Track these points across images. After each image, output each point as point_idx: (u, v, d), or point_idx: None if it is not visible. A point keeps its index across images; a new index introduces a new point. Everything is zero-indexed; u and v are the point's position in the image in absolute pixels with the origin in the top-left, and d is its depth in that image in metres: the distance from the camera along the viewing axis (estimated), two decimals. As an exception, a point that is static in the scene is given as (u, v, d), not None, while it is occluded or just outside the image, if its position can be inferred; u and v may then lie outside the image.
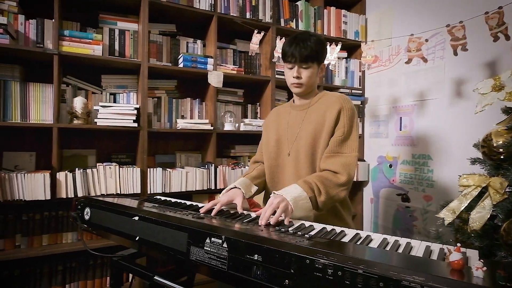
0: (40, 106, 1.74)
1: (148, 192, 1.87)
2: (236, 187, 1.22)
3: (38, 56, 1.68)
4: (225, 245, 0.74)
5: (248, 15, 2.18)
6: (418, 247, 0.75)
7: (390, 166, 2.45)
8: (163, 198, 1.43)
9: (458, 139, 1.98)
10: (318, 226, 0.93)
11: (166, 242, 0.87)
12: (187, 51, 2.15)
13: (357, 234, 0.84)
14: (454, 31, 1.59)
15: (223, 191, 1.24)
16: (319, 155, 1.20)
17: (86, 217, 1.17)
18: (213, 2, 2.05)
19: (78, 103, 1.72)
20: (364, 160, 2.67)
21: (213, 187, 2.04)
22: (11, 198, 1.54)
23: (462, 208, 1.06)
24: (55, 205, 1.76)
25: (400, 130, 2.38)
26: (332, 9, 2.52)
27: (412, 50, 1.76)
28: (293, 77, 1.21)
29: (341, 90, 2.57)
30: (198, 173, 1.99)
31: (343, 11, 2.57)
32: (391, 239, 0.81)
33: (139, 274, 0.95)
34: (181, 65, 2.02)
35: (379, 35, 2.52)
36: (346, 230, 0.89)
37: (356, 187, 2.70)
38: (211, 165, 2.04)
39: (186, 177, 1.97)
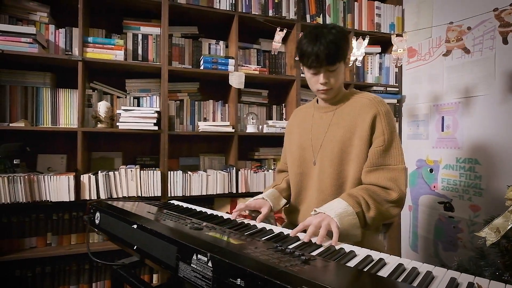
0: (69, 111, 1.82)
1: (169, 195, 1.86)
2: (264, 199, 1.16)
3: (65, 63, 1.76)
4: (210, 264, 0.67)
5: (270, 13, 2.10)
6: (441, 279, 0.61)
7: (431, 170, 2.21)
8: (176, 203, 1.40)
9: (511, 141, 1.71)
10: (326, 243, 0.83)
11: (159, 254, 0.83)
12: (209, 53, 2.12)
13: (368, 256, 0.72)
14: (503, 15, 1.35)
15: (254, 198, 1.18)
16: (348, 167, 1.05)
17: (97, 221, 1.18)
18: (233, 2, 1.99)
19: (102, 107, 1.77)
20: (402, 164, 2.44)
21: (234, 191, 1.98)
22: (39, 199, 1.62)
23: (509, 227, 0.88)
24: (83, 206, 1.82)
25: (442, 131, 2.13)
26: (364, 1, 2.34)
27: (451, 41, 1.54)
28: (320, 83, 1.04)
29: (374, 88, 2.38)
30: (219, 176, 1.95)
31: (376, 3, 2.37)
32: (409, 265, 0.68)
33: (133, 285, 0.91)
34: (202, 67, 2.00)
35: (418, 26, 2.29)
36: (357, 250, 0.77)
37: (392, 193, 2.48)
38: (232, 169, 1.98)
39: (206, 180, 1.93)
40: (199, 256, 0.69)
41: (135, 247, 0.93)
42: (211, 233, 0.85)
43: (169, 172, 1.87)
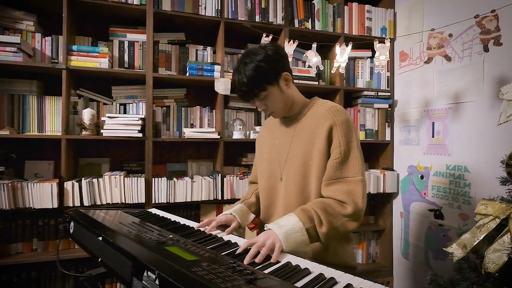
0: (55, 118, 1.84)
1: (153, 202, 1.87)
2: (232, 215, 1.16)
3: (50, 71, 1.77)
4: (157, 282, 0.66)
5: (257, 18, 2.09)
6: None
7: (422, 177, 2.18)
8: (154, 212, 1.40)
9: (501, 148, 1.67)
10: (284, 260, 0.81)
11: (117, 268, 0.82)
12: (196, 59, 2.12)
13: (320, 275, 0.71)
14: (484, 22, 1.32)
15: (222, 213, 1.18)
16: (311, 181, 1.04)
17: (71, 231, 1.18)
18: (219, 8, 1.99)
19: (86, 114, 1.78)
20: (394, 170, 2.41)
21: (219, 198, 1.98)
22: (23, 206, 1.63)
23: (475, 243, 0.85)
24: (69, 212, 1.83)
25: (433, 137, 2.09)
26: (354, 5, 2.32)
27: (432, 48, 1.51)
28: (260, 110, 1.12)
29: (365, 92, 2.35)
30: (204, 183, 1.95)
31: (367, 7, 2.35)
32: (359, 285, 0.66)
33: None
34: (188, 74, 2.00)
35: (409, 30, 2.26)
36: (312, 267, 0.76)
37: (385, 199, 2.45)
38: (218, 175, 1.98)
39: (191, 187, 1.93)
40: (149, 273, 0.69)
41: (99, 259, 0.92)
42: (171, 248, 0.84)
43: (153, 178, 1.87)
